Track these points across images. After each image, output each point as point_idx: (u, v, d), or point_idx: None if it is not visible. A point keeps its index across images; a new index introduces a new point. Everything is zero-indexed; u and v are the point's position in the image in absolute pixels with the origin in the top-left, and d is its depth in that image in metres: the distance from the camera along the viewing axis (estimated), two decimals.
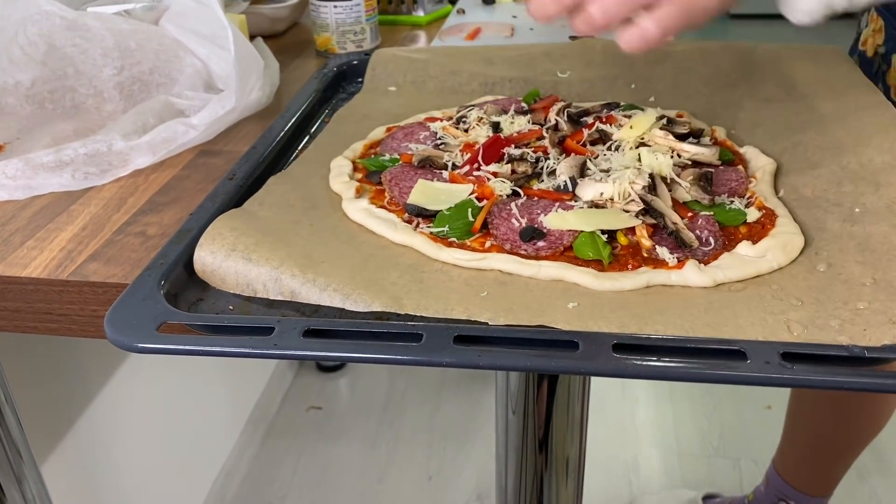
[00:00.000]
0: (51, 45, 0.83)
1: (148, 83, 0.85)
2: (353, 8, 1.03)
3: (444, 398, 1.90)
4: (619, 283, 0.52)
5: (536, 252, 0.55)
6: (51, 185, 0.71)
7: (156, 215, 0.67)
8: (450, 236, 0.57)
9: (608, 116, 0.72)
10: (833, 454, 1.33)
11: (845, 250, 0.54)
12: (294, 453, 1.77)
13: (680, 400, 1.87)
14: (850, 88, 0.75)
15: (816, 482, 1.36)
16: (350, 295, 0.50)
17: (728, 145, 0.70)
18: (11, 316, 0.61)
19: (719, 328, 0.47)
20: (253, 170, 0.67)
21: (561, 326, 0.47)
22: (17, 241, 0.64)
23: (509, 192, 0.62)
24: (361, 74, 0.90)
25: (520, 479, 0.74)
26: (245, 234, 0.55)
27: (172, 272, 0.53)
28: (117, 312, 0.49)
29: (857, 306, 0.48)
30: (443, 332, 0.46)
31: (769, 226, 0.57)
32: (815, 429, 1.32)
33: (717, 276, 0.52)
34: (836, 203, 0.59)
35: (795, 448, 1.37)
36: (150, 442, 1.38)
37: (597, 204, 0.59)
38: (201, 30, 0.85)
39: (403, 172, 0.65)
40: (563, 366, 0.45)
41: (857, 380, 0.42)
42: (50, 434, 1.11)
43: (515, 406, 0.69)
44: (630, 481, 1.67)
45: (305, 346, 0.46)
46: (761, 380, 0.43)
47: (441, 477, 1.70)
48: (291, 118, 0.77)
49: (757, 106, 0.77)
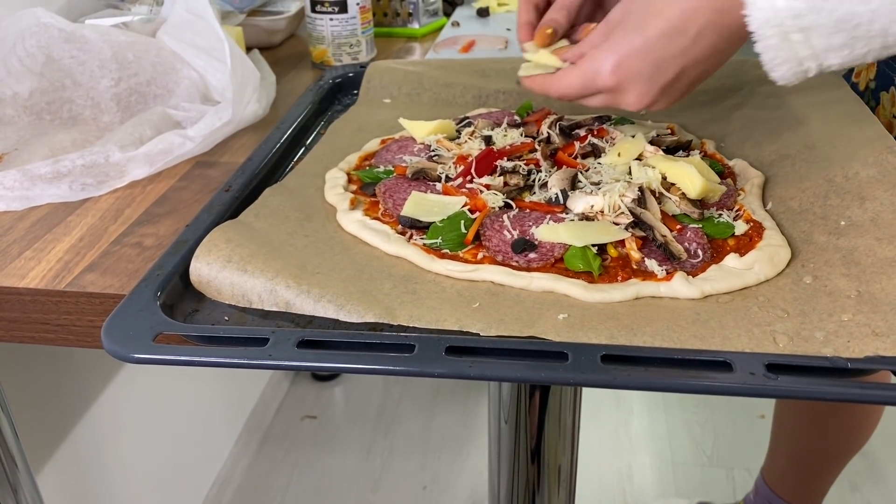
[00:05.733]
0: (49, 57, 0.84)
1: (145, 95, 0.86)
2: (348, 21, 1.05)
3: (438, 407, 1.90)
4: (609, 294, 0.53)
5: (528, 264, 0.56)
6: (48, 195, 0.72)
7: (152, 226, 0.67)
8: (443, 248, 0.58)
9: (599, 129, 0.73)
10: (816, 465, 1.33)
11: (831, 263, 0.55)
12: (289, 462, 1.77)
13: (673, 409, 1.88)
14: (838, 102, 0.76)
15: (803, 492, 1.37)
16: (344, 306, 0.51)
17: (718, 158, 0.71)
18: (8, 326, 0.61)
19: (706, 339, 0.48)
20: (249, 181, 0.68)
21: (551, 337, 0.48)
22: (14, 251, 0.64)
23: (501, 204, 0.63)
24: (357, 86, 0.90)
25: (512, 489, 0.74)
26: (240, 246, 0.56)
27: (169, 283, 0.54)
28: (114, 323, 0.50)
29: (842, 318, 0.49)
30: (435, 342, 0.47)
31: (757, 238, 0.58)
32: (798, 439, 1.33)
33: (705, 287, 0.53)
34: (823, 216, 0.60)
35: (781, 458, 1.38)
36: (146, 451, 1.39)
37: (587, 216, 0.60)
38: (198, 42, 0.86)
39: (397, 184, 0.66)
40: (553, 377, 0.46)
41: (839, 390, 0.43)
42: (46, 443, 1.11)
43: (508, 416, 0.70)
44: (624, 490, 1.68)
45: (300, 357, 0.47)
46: (746, 390, 0.44)
47: (436, 486, 1.70)
48: (287, 130, 0.78)
49: (746, 119, 0.78)
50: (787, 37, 0.51)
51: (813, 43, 0.51)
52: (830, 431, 1.28)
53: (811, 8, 0.50)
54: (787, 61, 0.52)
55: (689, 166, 0.62)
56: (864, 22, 0.49)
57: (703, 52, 0.55)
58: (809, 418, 1.29)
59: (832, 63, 0.52)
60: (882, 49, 0.51)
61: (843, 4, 0.49)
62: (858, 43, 0.51)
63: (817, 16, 0.50)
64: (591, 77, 0.58)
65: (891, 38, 0.50)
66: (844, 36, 0.50)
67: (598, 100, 0.60)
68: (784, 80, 0.54)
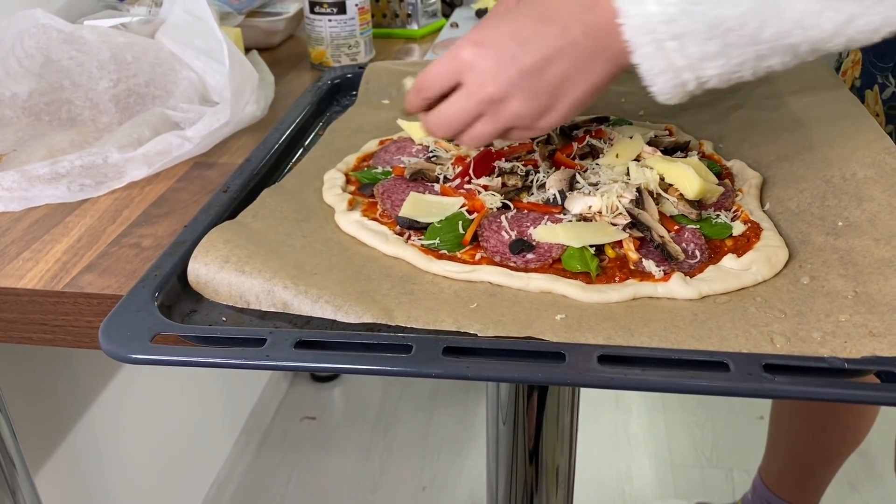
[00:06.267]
0: (47, 58, 0.84)
1: (143, 96, 0.86)
2: (347, 22, 1.05)
3: (437, 408, 1.90)
4: (606, 295, 0.53)
5: (525, 264, 0.56)
6: (46, 196, 0.72)
7: (150, 227, 0.67)
8: (440, 248, 0.58)
9: (597, 130, 0.73)
10: (813, 463, 1.34)
11: (828, 263, 0.55)
12: (288, 464, 1.77)
13: (673, 410, 1.88)
14: (836, 104, 0.76)
15: (801, 491, 1.37)
16: (341, 306, 0.51)
17: (716, 159, 0.71)
18: (6, 327, 0.61)
19: (704, 340, 0.48)
20: (247, 182, 0.68)
21: (548, 338, 0.48)
22: (12, 252, 0.64)
23: (500, 204, 0.63)
24: (355, 87, 0.91)
25: (510, 490, 0.74)
26: (238, 246, 0.56)
27: (166, 284, 0.54)
28: (111, 323, 0.50)
29: (839, 319, 0.49)
30: (432, 343, 0.47)
31: (754, 239, 0.58)
32: (795, 438, 1.34)
33: (703, 288, 0.53)
34: (820, 217, 0.60)
35: (777, 457, 1.39)
36: (144, 452, 1.39)
37: (585, 217, 0.60)
38: (197, 43, 0.86)
39: (395, 185, 0.66)
40: (550, 377, 0.46)
41: (835, 391, 0.43)
42: (44, 444, 1.11)
43: (506, 417, 0.70)
44: (623, 491, 1.68)
45: (297, 358, 0.47)
46: (743, 391, 0.44)
47: (435, 487, 1.70)
48: (286, 131, 0.78)
49: (744, 120, 0.78)
50: (662, 45, 0.50)
51: (688, 51, 0.50)
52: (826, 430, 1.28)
53: (683, 12, 0.49)
54: (665, 72, 0.52)
55: (686, 167, 0.62)
56: (735, 27, 0.49)
57: (568, 48, 0.53)
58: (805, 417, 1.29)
59: (710, 74, 0.51)
60: (756, 59, 0.51)
61: (714, 9, 0.49)
62: (733, 52, 0.50)
63: (689, 20, 0.49)
64: (454, 53, 0.57)
65: (762, 45, 0.50)
66: (718, 43, 0.50)
67: (460, 100, 0.57)
68: (664, 94, 0.53)
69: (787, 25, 0.48)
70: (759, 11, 0.48)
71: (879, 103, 0.88)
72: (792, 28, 0.49)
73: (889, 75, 0.86)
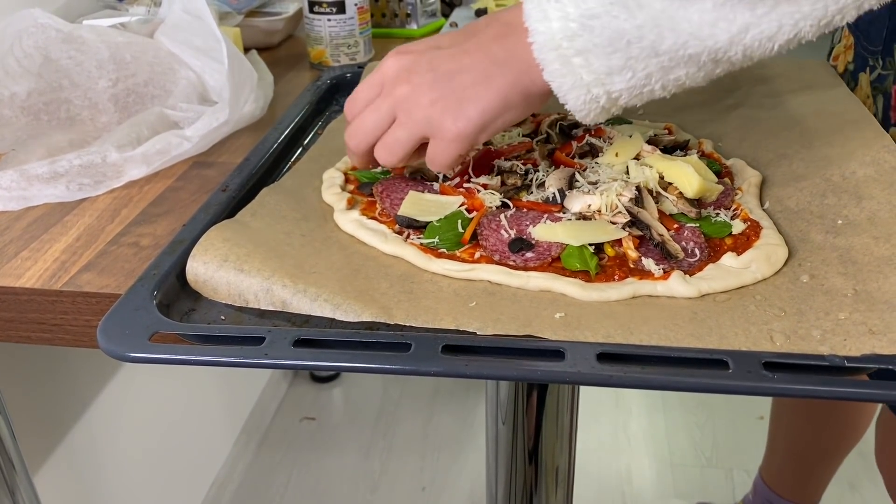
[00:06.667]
0: (46, 58, 0.84)
1: (142, 95, 0.86)
2: (346, 21, 1.05)
3: (437, 408, 1.90)
4: (606, 293, 0.53)
5: (525, 263, 0.56)
6: (45, 195, 0.72)
7: (149, 226, 0.67)
8: (440, 247, 0.58)
9: (597, 129, 0.73)
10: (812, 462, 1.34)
11: (828, 261, 0.55)
12: (288, 464, 1.77)
13: (672, 410, 1.88)
14: (835, 102, 0.76)
15: (801, 490, 1.37)
16: (340, 305, 0.51)
17: (715, 157, 0.71)
18: (5, 326, 0.61)
19: (703, 338, 0.48)
20: (246, 181, 0.68)
21: (548, 336, 0.48)
22: (10, 251, 0.64)
23: (499, 203, 0.63)
24: (355, 87, 0.90)
25: (510, 490, 0.74)
26: (237, 245, 0.56)
27: (165, 283, 0.54)
28: (110, 322, 0.50)
29: (839, 317, 0.49)
30: (431, 341, 0.47)
31: (754, 237, 0.58)
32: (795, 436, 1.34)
33: (702, 286, 0.53)
34: (820, 215, 0.60)
35: (778, 456, 1.39)
36: (144, 452, 1.38)
37: (584, 216, 0.60)
38: (196, 43, 0.86)
39: (394, 184, 0.66)
40: (549, 375, 0.46)
41: (835, 389, 0.43)
42: (43, 444, 1.11)
43: (505, 417, 0.70)
44: (623, 492, 1.68)
45: (296, 356, 0.47)
46: (743, 389, 0.44)
47: (434, 487, 1.70)
48: (285, 130, 0.78)
49: (743, 119, 0.78)
50: (569, 61, 0.51)
51: (594, 66, 0.50)
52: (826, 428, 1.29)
53: (583, 27, 0.49)
54: (575, 88, 0.52)
55: (686, 166, 0.62)
56: (634, 39, 0.49)
57: (483, 58, 0.55)
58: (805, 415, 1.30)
59: (619, 89, 0.51)
60: (662, 72, 0.50)
61: (612, 22, 0.49)
62: (637, 64, 0.50)
63: (591, 35, 0.49)
64: (378, 67, 0.60)
65: (663, 56, 0.49)
66: (621, 57, 0.50)
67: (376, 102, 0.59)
68: (579, 111, 0.53)
69: (684, 37, 0.48)
70: (655, 23, 0.48)
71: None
72: (688, 39, 0.48)
73: (878, 57, 0.87)
